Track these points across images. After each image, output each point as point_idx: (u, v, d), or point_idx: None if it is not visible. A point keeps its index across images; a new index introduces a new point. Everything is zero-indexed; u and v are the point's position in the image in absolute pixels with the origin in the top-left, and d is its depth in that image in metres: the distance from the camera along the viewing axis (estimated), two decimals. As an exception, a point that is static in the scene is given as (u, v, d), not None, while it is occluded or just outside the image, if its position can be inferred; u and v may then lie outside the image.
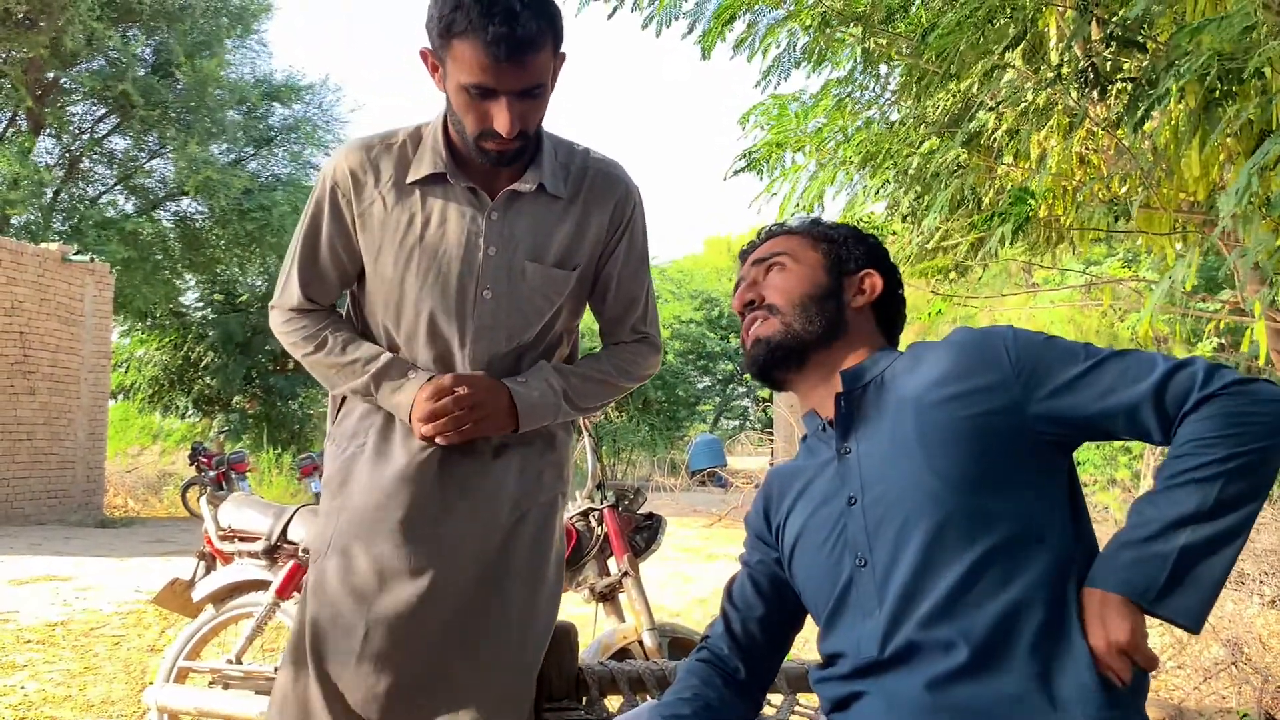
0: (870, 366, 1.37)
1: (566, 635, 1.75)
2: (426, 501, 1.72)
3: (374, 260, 1.79)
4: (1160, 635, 3.85)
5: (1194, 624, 1.09)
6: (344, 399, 1.89)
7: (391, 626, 1.68)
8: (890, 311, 1.48)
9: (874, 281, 1.46)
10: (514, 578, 1.74)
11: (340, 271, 1.83)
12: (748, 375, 1.55)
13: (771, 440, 19.98)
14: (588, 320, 1.98)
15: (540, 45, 1.56)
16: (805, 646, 4.02)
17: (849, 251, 1.46)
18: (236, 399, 21.19)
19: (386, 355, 1.78)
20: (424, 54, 1.64)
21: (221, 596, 2.91)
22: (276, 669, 2.71)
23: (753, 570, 1.46)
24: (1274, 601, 4.12)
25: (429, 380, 1.72)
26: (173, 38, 16.19)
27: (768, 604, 1.43)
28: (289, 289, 1.85)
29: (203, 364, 20.49)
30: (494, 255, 1.72)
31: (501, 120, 1.59)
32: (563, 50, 1.66)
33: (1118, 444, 12.48)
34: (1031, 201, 3.19)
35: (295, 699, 1.72)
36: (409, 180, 1.74)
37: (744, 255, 1.53)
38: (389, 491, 1.73)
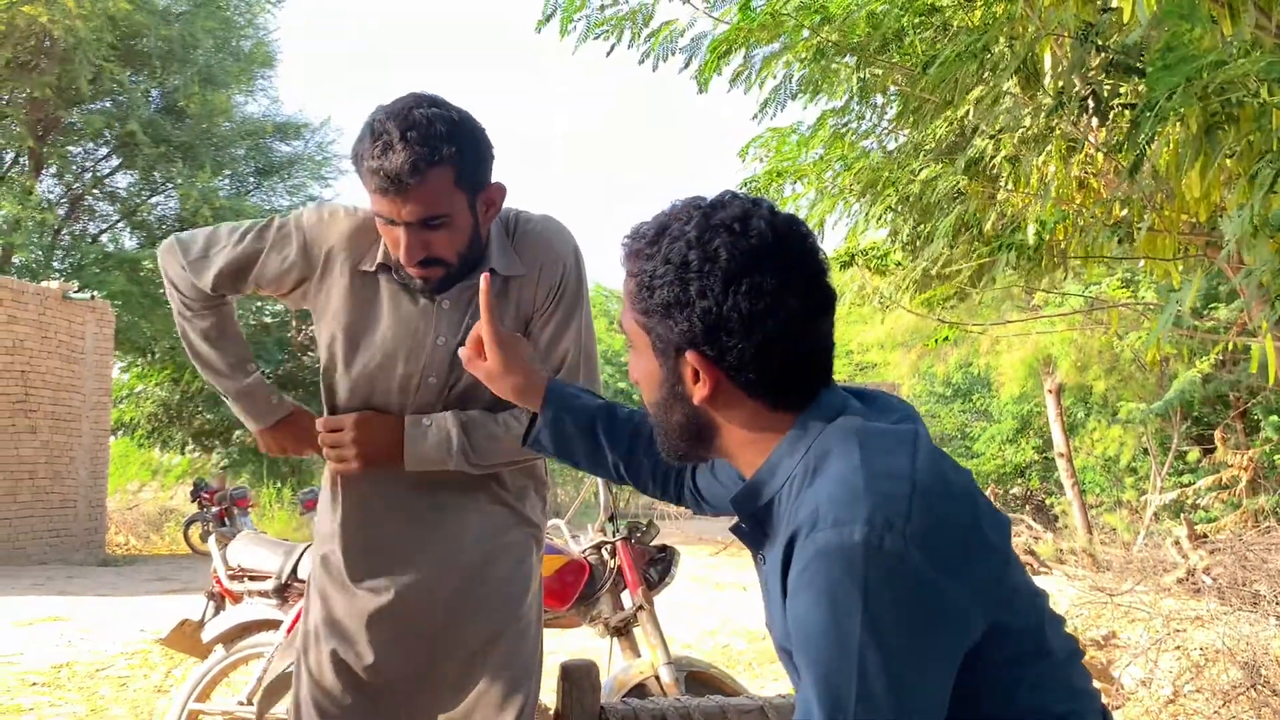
0: (766, 479, 1.10)
1: (587, 673, 1.74)
2: (386, 543, 1.80)
3: (324, 327, 1.80)
4: (1177, 659, 3.83)
5: None
6: None
7: (367, 664, 1.76)
8: (763, 379, 1.08)
9: (701, 371, 1.08)
10: (483, 618, 1.78)
11: (250, 289, 1.85)
12: None
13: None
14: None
15: (423, 177, 1.56)
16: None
17: (663, 328, 1.09)
18: (237, 433, 21.12)
19: (255, 376, 1.92)
20: None
21: (232, 637, 2.89)
22: (287, 710, 2.70)
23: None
24: (1289, 623, 4.09)
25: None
26: (180, 78, 16.33)
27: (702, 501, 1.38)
28: (205, 269, 1.83)
29: (201, 398, 20.43)
30: (442, 345, 1.75)
31: (399, 249, 1.63)
32: (494, 181, 1.68)
33: (1123, 465, 12.46)
34: (1041, 231, 3.20)
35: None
36: (362, 267, 1.76)
37: None
38: (348, 535, 1.82)
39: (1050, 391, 10.96)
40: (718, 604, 7.60)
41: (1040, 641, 1.07)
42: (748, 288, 1.05)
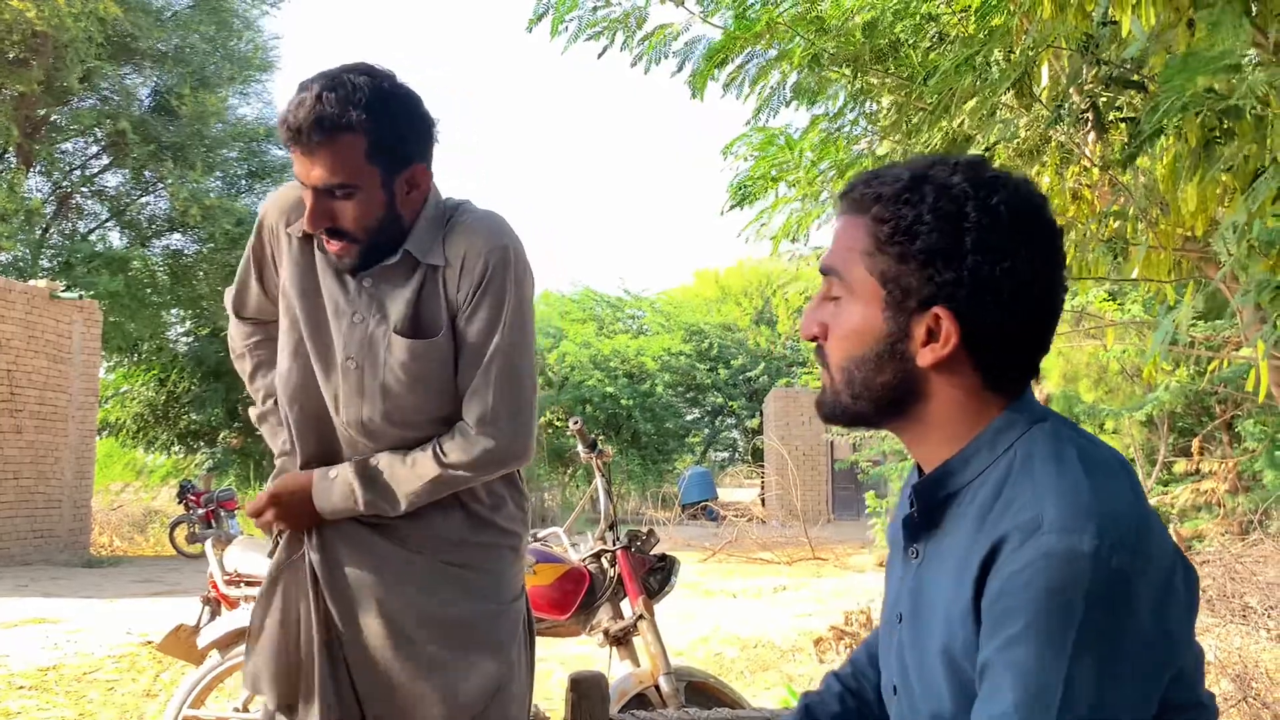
0: (957, 470, 1.04)
1: (596, 685, 1.73)
2: (351, 555, 1.74)
3: (281, 304, 1.81)
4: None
5: None
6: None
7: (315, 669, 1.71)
8: (998, 353, 1.02)
9: (946, 329, 1.00)
10: (456, 631, 1.72)
11: (268, 298, 1.86)
12: (734, 404, 1.18)
13: (762, 473, 19.98)
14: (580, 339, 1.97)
15: (329, 139, 1.54)
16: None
17: (918, 279, 1.00)
18: (222, 434, 21.02)
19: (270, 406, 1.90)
20: None
21: (227, 643, 2.87)
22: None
23: None
24: None
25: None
26: (172, 77, 16.30)
27: None
28: (233, 295, 1.92)
29: (187, 399, 20.35)
30: (359, 324, 1.68)
31: (306, 213, 1.61)
32: (419, 163, 1.64)
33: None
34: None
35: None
36: (290, 230, 1.73)
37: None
38: (316, 548, 1.77)
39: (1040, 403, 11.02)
40: (708, 611, 7.60)
41: (1198, 694, 1.04)
42: (1027, 254, 1.00)
